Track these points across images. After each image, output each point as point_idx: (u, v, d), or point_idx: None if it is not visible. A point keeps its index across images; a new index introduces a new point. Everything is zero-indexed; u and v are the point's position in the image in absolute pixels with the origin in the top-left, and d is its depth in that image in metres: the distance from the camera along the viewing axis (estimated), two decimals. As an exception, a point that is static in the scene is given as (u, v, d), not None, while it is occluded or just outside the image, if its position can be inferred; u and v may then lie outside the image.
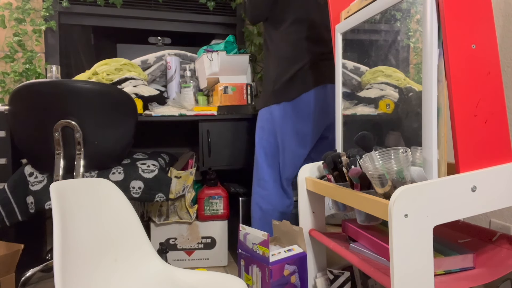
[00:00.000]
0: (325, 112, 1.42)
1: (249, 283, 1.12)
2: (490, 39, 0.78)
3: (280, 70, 1.39)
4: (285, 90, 1.38)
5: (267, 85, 1.45)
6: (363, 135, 0.94)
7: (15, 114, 1.32)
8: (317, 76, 1.38)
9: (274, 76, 1.41)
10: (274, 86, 1.41)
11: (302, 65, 1.36)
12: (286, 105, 1.38)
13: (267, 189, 1.47)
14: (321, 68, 1.39)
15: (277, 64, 1.41)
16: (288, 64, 1.38)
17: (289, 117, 1.39)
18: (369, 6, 1.01)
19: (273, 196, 1.46)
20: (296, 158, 1.44)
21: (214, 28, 2.41)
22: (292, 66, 1.37)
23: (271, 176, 1.47)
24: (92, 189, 0.98)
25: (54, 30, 2.05)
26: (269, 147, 1.46)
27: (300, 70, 1.37)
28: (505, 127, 0.80)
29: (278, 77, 1.39)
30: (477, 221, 1.16)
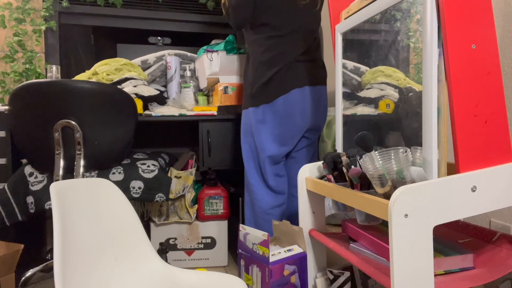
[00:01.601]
0: (305, 114, 1.42)
1: (249, 283, 1.12)
2: (490, 39, 0.78)
3: (257, 74, 1.41)
4: (262, 93, 1.39)
5: (246, 88, 1.48)
6: (363, 135, 0.94)
7: (15, 114, 1.32)
8: (294, 78, 1.39)
9: (252, 80, 1.43)
10: (252, 89, 1.42)
11: (279, 68, 1.37)
12: (265, 108, 1.40)
13: (254, 191, 1.48)
14: (299, 70, 1.40)
15: (255, 68, 1.42)
16: (265, 68, 1.39)
17: (268, 119, 1.40)
18: (369, 6, 1.01)
19: (260, 197, 1.47)
20: (277, 158, 1.45)
21: (214, 28, 2.42)
22: (269, 70, 1.38)
23: (256, 178, 1.49)
24: (92, 189, 0.98)
25: (54, 30, 2.05)
26: (250, 149, 1.48)
27: (277, 73, 1.38)
28: (505, 127, 0.80)
29: (256, 81, 1.41)
30: (477, 221, 1.16)
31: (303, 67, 1.41)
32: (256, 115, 1.42)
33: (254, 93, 1.41)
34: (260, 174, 1.48)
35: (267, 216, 1.46)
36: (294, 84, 1.39)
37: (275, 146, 1.43)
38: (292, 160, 1.54)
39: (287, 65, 1.38)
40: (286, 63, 1.38)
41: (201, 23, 2.40)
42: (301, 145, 1.53)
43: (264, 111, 1.40)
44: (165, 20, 2.31)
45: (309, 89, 1.41)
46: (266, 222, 1.46)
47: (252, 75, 1.43)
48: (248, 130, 1.47)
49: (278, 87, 1.38)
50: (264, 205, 1.47)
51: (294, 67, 1.39)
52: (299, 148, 1.53)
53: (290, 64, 1.39)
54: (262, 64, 1.40)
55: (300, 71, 1.40)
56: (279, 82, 1.38)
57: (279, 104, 1.38)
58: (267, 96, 1.39)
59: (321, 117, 1.49)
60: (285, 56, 1.38)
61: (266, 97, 1.39)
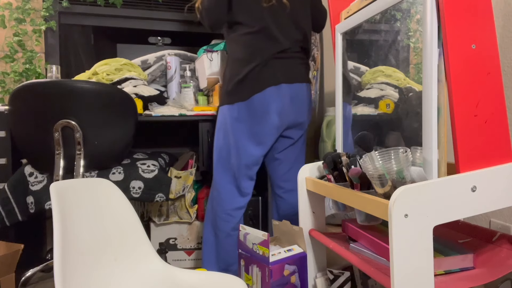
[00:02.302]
0: (281, 112, 1.39)
1: (249, 283, 1.12)
2: (490, 39, 0.78)
3: (233, 71, 1.39)
4: (237, 91, 1.38)
5: (222, 86, 1.46)
6: (363, 135, 0.94)
7: (15, 114, 1.32)
8: (270, 76, 1.37)
9: (228, 77, 1.41)
10: (227, 87, 1.40)
11: (254, 65, 1.35)
12: (240, 105, 1.37)
13: (219, 189, 1.46)
14: (275, 68, 1.38)
15: (230, 65, 1.41)
16: (240, 65, 1.37)
17: (243, 118, 1.38)
18: (369, 6, 1.01)
19: (224, 196, 1.45)
20: (251, 157, 1.42)
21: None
22: (244, 67, 1.36)
23: (223, 177, 1.45)
24: (92, 189, 0.98)
25: (54, 30, 2.05)
26: (222, 147, 1.44)
27: (252, 70, 1.36)
28: (505, 127, 0.80)
29: (231, 78, 1.39)
30: (477, 221, 1.16)
31: (280, 64, 1.38)
32: (231, 112, 1.39)
33: (230, 91, 1.39)
34: (229, 173, 1.44)
35: (228, 216, 1.44)
36: (269, 82, 1.36)
37: (251, 145, 1.40)
38: (276, 161, 1.52)
39: (263, 62, 1.36)
40: (261, 60, 1.36)
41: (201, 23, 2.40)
42: (284, 146, 1.50)
43: (239, 109, 1.37)
44: (165, 20, 2.31)
45: (285, 87, 1.39)
46: (225, 223, 1.43)
47: (228, 73, 1.41)
48: (222, 128, 1.44)
49: (253, 84, 1.36)
50: (227, 205, 1.44)
51: (270, 64, 1.37)
52: (282, 149, 1.50)
53: (266, 61, 1.36)
54: (238, 61, 1.38)
55: (276, 69, 1.38)
56: (254, 79, 1.36)
57: (254, 102, 1.36)
58: (242, 93, 1.37)
59: (301, 115, 1.45)
60: (260, 53, 1.36)
61: (241, 95, 1.37)
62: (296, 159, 1.53)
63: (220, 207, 1.44)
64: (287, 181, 1.53)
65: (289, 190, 1.54)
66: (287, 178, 1.53)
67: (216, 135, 1.48)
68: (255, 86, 1.36)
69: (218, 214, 1.44)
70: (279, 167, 1.52)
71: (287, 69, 1.40)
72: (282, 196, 1.54)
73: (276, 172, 1.53)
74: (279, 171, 1.52)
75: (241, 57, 1.38)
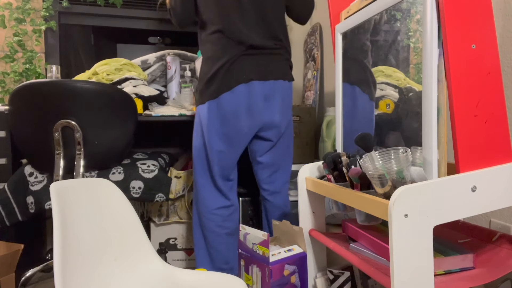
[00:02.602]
0: (253, 112, 1.34)
1: (249, 283, 1.12)
2: (490, 39, 0.78)
3: (204, 70, 1.37)
4: (207, 89, 1.35)
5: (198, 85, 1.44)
6: (363, 135, 0.93)
7: (15, 114, 1.32)
8: (239, 74, 1.32)
9: (200, 76, 1.39)
10: (199, 86, 1.39)
11: (222, 63, 1.32)
12: (211, 104, 1.34)
13: (199, 190, 1.44)
14: (244, 65, 1.33)
15: (202, 65, 1.39)
16: (210, 63, 1.35)
17: (214, 116, 1.35)
18: (369, 6, 1.01)
19: (205, 195, 1.43)
20: (226, 158, 1.39)
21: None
22: (213, 65, 1.33)
23: (202, 176, 1.43)
24: (92, 189, 0.98)
25: (54, 30, 2.05)
26: (199, 147, 1.43)
27: (221, 68, 1.32)
28: (505, 127, 0.80)
29: (202, 77, 1.37)
30: (477, 221, 1.16)
31: (250, 61, 1.33)
32: (203, 111, 1.37)
33: (201, 90, 1.37)
34: (208, 173, 1.43)
35: (212, 216, 1.42)
36: (238, 80, 1.32)
37: (222, 145, 1.37)
38: (260, 165, 1.48)
39: (231, 59, 1.32)
40: (229, 57, 1.32)
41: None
42: (264, 148, 1.45)
43: (210, 107, 1.35)
44: (165, 20, 2.31)
45: (257, 84, 1.33)
46: (211, 222, 1.42)
47: (201, 71, 1.39)
48: (198, 128, 1.42)
49: (222, 82, 1.32)
50: (209, 204, 1.42)
51: (239, 61, 1.32)
52: (263, 152, 1.46)
53: (235, 59, 1.32)
54: (207, 60, 1.36)
55: (246, 66, 1.33)
56: (222, 77, 1.32)
57: (223, 100, 1.32)
58: (212, 92, 1.34)
59: (277, 114, 1.39)
60: (228, 50, 1.32)
61: (211, 93, 1.34)
62: (280, 161, 1.48)
63: (204, 207, 1.43)
64: (271, 183, 1.50)
65: (274, 192, 1.50)
66: (270, 181, 1.50)
67: (194, 135, 1.46)
68: (224, 84, 1.32)
69: (203, 214, 1.43)
70: (263, 171, 1.48)
71: (260, 66, 1.34)
72: (268, 198, 1.51)
73: (259, 175, 1.50)
74: (262, 174, 1.49)
75: (210, 55, 1.36)
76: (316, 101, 2.05)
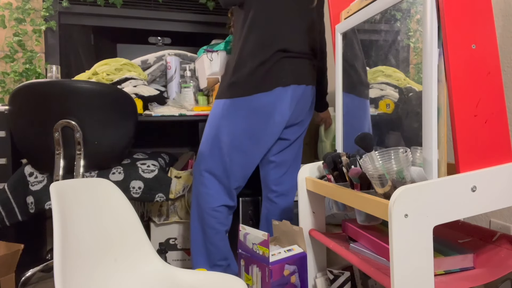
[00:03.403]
0: (285, 114, 1.34)
1: (249, 283, 1.12)
2: (490, 39, 0.78)
3: (239, 63, 1.30)
4: (241, 85, 1.29)
5: (225, 76, 1.35)
6: (363, 135, 0.93)
7: (15, 114, 1.32)
8: (280, 75, 1.30)
9: (232, 68, 1.31)
10: (231, 78, 1.31)
11: (263, 60, 1.28)
12: (242, 101, 1.29)
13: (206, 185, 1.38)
14: (285, 67, 1.31)
15: (237, 56, 1.32)
16: (249, 57, 1.29)
17: (245, 115, 1.30)
18: (369, 6, 1.01)
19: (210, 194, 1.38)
20: (250, 158, 1.36)
21: (214, 28, 2.42)
22: (252, 60, 1.28)
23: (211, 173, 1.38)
24: (92, 189, 0.98)
25: (54, 30, 2.05)
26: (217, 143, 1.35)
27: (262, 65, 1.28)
28: (505, 127, 0.80)
29: (236, 70, 1.30)
30: (477, 221, 1.16)
31: (290, 63, 1.32)
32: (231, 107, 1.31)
33: (231, 83, 1.31)
34: (221, 171, 1.37)
35: (215, 213, 1.38)
36: (278, 82, 1.30)
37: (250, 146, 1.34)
38: (271, 164, 1.45)
39: (273, 59, 1.29)
40: (271, 54, 1.29)
41: (201, 23, 2.40)
42: (280, 148, 1.44)
43: (241, 105, 1.29)
44: (165, 20, 2.31)
45: (293, 88, 1.33)
46: (213, 219, 1.38)
47: (234, 64, 1.32)
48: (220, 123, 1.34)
49: (260, 81, 1.29)
50: (213, 201, 1.38)
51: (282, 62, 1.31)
52: (278, 151, 1.44)
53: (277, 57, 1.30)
54: (246, 53, 1.30)
55: (286, 68, 1.31)
56: (263, 76, 1.29)
57: (258, 100, 1.29)
58: (246, 89, 1.29)
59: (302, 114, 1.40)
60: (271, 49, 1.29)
61: (245, 90, 1.29)
62: (292, 162, 1.47)
63: (206, 203, 1.38)
64: (280, 184, 1.47)
65: (281, 194, 1.48)
66: (280, 182, 1.47)
67: (210, 129, 1.37)
68: (261, 83, 1.29)
69: (205, 210, 1.38)
70: (274, 170, 1.46)
71: (296, 70, 1.33)
72: (274, 200, 1.49)
73: (269, 175, 1.47)
74: (273, 174, 1.47)
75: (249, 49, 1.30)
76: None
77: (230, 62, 1.37)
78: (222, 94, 1.34)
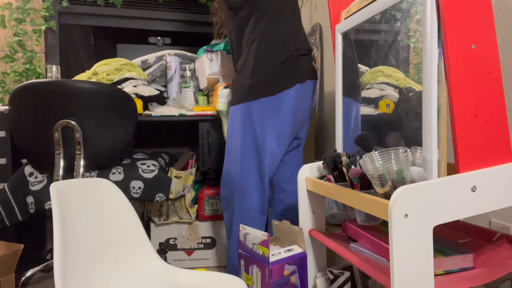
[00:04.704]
0: (302, 110, 1.35)
1: (249, 283, 1.12)
2: (490, 39, 0.78)
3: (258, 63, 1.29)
4: (265, 85, 1.29)
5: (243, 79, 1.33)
6: (363, 135, 0.93)
7: (15, 114, 1.32)
8: (299, 71, 1.31)
9: (252, 69, 1.30)
10: (251, 80, 1.30)
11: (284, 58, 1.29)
12: (266, 101, 1.28)
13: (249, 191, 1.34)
14: (302, 63, 1.33)
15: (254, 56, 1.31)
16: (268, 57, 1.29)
17: (269, 115, 1.29)
18: (369, 6, 1.01)
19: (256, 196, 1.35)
20: (274, 159, 1.35)
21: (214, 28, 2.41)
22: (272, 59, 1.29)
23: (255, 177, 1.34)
24: (92, 189, 0.98)
25: (54, 30, 2.05)
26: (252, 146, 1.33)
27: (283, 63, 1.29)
28: (505, 127, 0.80)
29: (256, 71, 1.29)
30: (477, 221, 1.16)
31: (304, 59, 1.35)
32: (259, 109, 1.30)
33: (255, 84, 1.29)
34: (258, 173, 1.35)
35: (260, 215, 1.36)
36: (299, 77, 1.31)
37: (276, 146, 1.33)
38: (281, 163, 1.44)
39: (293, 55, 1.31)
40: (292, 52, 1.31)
41: (201, 23, 2.40)
42: (292, 147, 1.44)
43: (266, 104, 1.29)
44: (165, 20, 2.31)
45: (308, 84, 1.34)
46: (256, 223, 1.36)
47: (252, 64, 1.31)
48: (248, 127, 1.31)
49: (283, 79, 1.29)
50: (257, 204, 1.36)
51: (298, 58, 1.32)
52: (289, 150, 1.44)
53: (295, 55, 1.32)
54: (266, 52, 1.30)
55: (303, 63, 1.33)
56: (285, 74, 1.29)
57: (282, 98, 1.29)
58: (270, 88, 1.28)
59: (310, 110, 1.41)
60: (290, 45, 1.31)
61: (268, 90, 1.28)
62: (299, 160, 1.48)
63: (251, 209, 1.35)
64: (292, 183, 1.47)
65: (292, 194, 1.48)
66: (292, 181, 1.46)
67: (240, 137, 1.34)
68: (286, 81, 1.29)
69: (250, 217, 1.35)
70: (283, 169, 1.45)
71: (306, 65, 1.35)
72: (284, 200, 1.47)
73: (280, 174, 1.46)
74: (283, 174, 1.46)
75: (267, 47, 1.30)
76: (316, 101, 2.05)
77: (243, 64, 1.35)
78: (245, 97, 1.32)
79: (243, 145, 1.33)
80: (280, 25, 1.33)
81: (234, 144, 1.36)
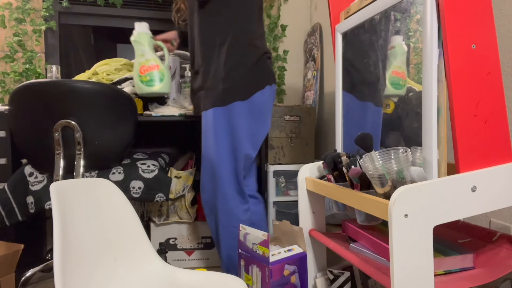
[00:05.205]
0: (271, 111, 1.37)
1: (249, 283, 1.12)
2: (490, 39, 0.78)
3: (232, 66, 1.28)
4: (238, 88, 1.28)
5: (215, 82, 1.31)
6: (363, 135, 0.93)
7: (15, 114, 1.32)
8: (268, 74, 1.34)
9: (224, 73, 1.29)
10: (225, 83, 1.29)
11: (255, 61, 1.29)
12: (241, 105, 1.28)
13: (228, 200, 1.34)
14: (269, 66, 1.35)
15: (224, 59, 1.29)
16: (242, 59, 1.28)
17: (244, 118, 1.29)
18: (369, 6, 1.01)
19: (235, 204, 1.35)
20: (248, 162, 1.36)
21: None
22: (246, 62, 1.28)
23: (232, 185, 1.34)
24: (92, 189, 0.98)
25: (54, 30, 2.04)
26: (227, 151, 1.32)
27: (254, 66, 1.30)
28: (505, 127, 0.80)
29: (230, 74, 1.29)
30: (477, 221, 1.16)
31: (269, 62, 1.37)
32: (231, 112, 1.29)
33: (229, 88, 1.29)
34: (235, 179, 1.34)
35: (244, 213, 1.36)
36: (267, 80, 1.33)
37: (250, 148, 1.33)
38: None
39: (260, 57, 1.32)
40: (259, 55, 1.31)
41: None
42: None
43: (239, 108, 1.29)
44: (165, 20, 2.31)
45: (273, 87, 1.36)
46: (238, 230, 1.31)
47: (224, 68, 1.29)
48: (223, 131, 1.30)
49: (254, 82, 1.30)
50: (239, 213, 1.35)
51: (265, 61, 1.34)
52: None
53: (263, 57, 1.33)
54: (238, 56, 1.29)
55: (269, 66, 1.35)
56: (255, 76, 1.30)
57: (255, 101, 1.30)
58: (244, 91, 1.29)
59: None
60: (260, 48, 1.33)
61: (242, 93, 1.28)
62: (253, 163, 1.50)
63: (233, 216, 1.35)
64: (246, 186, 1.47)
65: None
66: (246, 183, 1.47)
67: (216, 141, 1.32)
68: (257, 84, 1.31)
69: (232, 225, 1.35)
70: None
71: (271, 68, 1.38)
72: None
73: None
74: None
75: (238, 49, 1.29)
76: (316, 101, 2.05)
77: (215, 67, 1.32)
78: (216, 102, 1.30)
79: (219, 150, 1.32)
80: (250, 27, 1.33)
81: (209, 150, 1.35)
